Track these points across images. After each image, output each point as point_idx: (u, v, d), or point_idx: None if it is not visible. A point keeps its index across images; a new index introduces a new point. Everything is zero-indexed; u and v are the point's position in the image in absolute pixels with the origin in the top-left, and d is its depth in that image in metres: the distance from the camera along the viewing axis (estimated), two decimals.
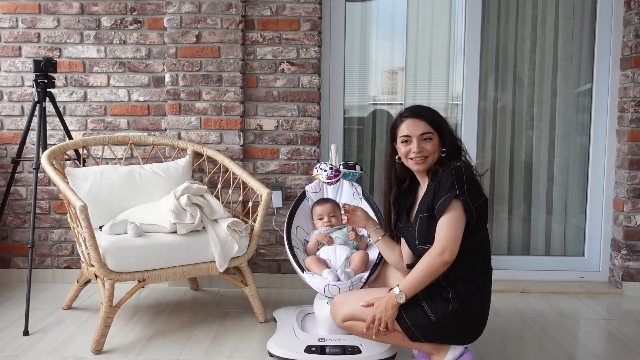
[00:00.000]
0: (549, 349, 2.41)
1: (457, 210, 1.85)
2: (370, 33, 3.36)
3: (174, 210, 2.49)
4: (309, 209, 2.61)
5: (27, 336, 2.46)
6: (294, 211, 2.56)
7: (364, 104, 3.39)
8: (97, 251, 2.27)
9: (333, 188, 2.67)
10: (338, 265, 2.28)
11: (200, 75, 3.06)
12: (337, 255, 2.32)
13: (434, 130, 2.01)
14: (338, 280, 2.12)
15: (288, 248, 2.34)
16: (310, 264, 2.28)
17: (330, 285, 2.10)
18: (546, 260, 3.36)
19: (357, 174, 2.56)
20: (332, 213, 2.51)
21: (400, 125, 2.05)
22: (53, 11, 3.12)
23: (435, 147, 2.00)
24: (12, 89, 3.16)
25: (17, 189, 3.19)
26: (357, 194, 2.61)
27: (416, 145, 2.00)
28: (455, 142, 2.05)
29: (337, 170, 2.52)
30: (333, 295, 2.11)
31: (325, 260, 2.31)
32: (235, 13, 3.02)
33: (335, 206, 2.55)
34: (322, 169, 2.53)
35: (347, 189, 2.65)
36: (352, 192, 2.63)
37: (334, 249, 2.35)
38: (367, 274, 2.19)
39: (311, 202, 2.62)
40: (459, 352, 1.98)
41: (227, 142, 3.09)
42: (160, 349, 2.35)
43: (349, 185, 2.64)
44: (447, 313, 1.87)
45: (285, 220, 2.50)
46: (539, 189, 3.37)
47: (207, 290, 3.16)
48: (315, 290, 2.18)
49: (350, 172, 2.53)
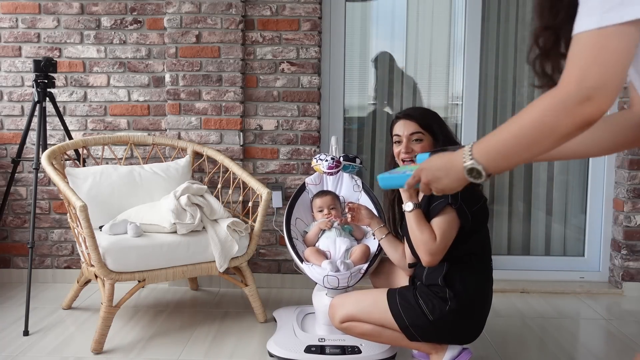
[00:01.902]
0: (549, 349, 2.41)
1: (450, 215, 1.86)
2: (370, 33, 3.36)
3: (174, 210, 2.49)
4: (309, 201, 2.61)
5: (27, 336, 2.46)
6: (294, 203, 2.55)
7: (364, 104, 3.39)
8: (97, 251, 2.27)
9: (333, 180, 2.66)
10: (338, 256, 2.27)
11: (200, 75, 3.06)
12: (336, 247, 2.31)
13: (425, 131, 2.01)
14: (337, 271, 2.12)
15: (287, 239, 2.33)
16: (310, 254, 2.27)
17: (329, 276, 2.09)
18: (546, 260, 3.36)
19: (356, 167, 2.55)
20: (332, 205, 2.50)
21: (394, 125, 2.08)
22: (53, 11, 3.12)
23: (425, 149, 2.00)
24: (12, 89, 3.16)
25: (17, 189, 3.19)
26: (357, 186, 2.61)
27: (405, 146, 2.02)
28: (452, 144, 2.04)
29: (338, 160, 2.51)
30: (332, 287, 2.11)
31: (325, 252, 2.31)
32: (235, 13, 3.02)
33: (335, 198, 2.54)
34: (323, 159, 2.51)
35: (347, 181, 2.65)
36: (352, 185, 2.63)
37: (334, 240, 2.34)
38: (366, 266, 2.19)
39: (311, 195, 2.62)
40: (457, 351, 1.99)
41: (227, 142, 3.09)
42: (160, 349, 2.36)
43: (349, 178, 2.64)
44: (444, 313, 1.87)
45: (285, 212, 2.50)
46: (539, 188, 3.37)
47: (207, 290, 3.16)
48: (314, 282, 2.18)
49: (350, 165, 2.53)
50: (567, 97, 0.90)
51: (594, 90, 0.87)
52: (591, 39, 0.87)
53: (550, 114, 0.93)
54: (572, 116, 0.90)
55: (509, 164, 1.05)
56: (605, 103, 0.87)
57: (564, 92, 0.90)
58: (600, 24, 0.86)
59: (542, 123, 0.94)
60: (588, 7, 0.88)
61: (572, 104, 0.89)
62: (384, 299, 1.95)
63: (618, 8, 0.85)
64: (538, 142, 0.96)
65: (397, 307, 1.91)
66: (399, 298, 1.93)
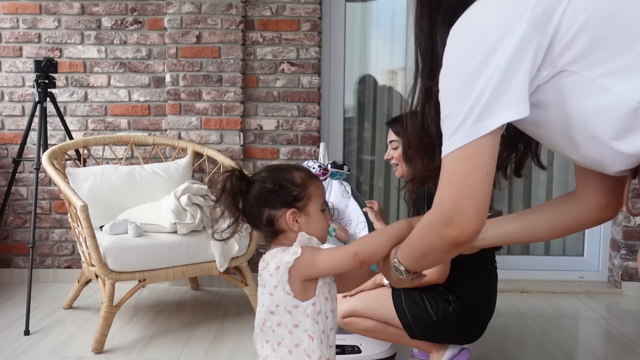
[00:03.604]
0: (549, 349, 2.41)
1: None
2: (370, 33, 3.37)
3: (175, 210, 2.49)
4: None
5: (28, 336, 2.47)
6: None
7: (364, 104, 3.39)
8: (97, 251, 2.28)
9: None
10: None
11: (200, 76, 3.07)
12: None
13: (399, 138, 2.10)
14: None
15: None
16: None
17: None
18: (546, 260, 3.36)
19: (344, 174, 2.58)
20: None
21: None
22: (54, 12, 3.12)
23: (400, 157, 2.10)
24: (13, 89, 3.16)
25: (18, 189, 3.19)
26: (345, 192, 2.62)
27: (386, 154, 2.16)
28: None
29: (325, 168, 2.53)
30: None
31: None
32: (235, 13, 3.03)
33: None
34: (310, 166, 2.53)
35: (336, 187, 2.65)
36: (341, 191, 2.64)
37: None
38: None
39: None
40: (456, 350, 1.99)
41: (228, 142, 3.10)
42: (160, 349, 2.36)
43: (338, 184, 2.65)
44: (448, 313, 1.88)
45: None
46: (539, 188, 3.38)
47: (207, 290, 3.17)
48: None
49: (337, 172, 2.55)
50: (433, 220, 0.95)
51: (451, 213, 0.90)
52: (445, 163, 0.91)
53: (426, 233, 0.99)
54: (442, 237, 0.93)
55: (425, 265, 1.11)
56: (466, 224, 0.89)
57: (431, 215, 0.95)
58: (446, 151, 0.90)
59: (423, 240, 1.01)
60: (444, 133, 0.91)
61: (438, 226, 0.93)
62: (389, 296, 1.95)
63: (459, 131, 0.87)
64: (427, 255, 1.03)
65: (402, 305, 1.92)
66: (405, 296, 1.94)
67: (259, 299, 1.27)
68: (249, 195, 1.26)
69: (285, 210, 1.23)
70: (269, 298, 1.22)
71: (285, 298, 1.20)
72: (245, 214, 1.27)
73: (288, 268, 1.18)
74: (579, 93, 0.87)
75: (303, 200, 1.24)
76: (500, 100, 0.85)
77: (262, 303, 1.25)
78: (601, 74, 0.85)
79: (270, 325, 1.23)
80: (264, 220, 1.25)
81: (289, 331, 1.21)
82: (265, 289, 1.23)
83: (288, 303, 1.20)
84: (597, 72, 0.85)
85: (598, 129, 0.88)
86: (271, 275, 1.21)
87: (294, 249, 1.19)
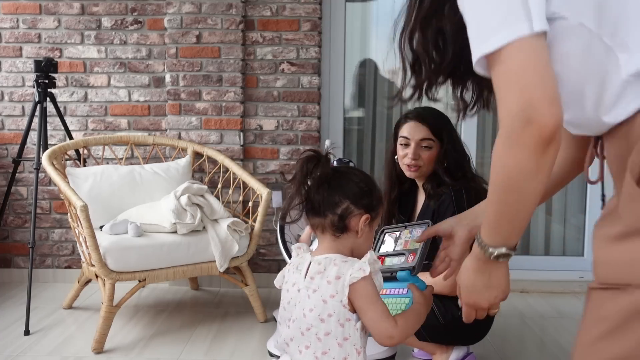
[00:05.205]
0: (549, 349, 2.41)
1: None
2: (370, 33, 3.37)
3: (175, 210, 2.49)
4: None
5: (28, 336, 2.47)
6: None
7: (363, 104, 3.39)
8: (97, 251, 2.28)
9: None
10: None
11: (200, 76, 3.07)
12: None
13: (436, 139, 1.93)
14: None
15: (281, 242, 2.35)
16: None
17: None
18: (546, 260, 3.36)
19: None
20: None
21: (403, 125, 1.99)
22: (54, 12, 3.12)
23: (433, 157, 1.92)
24: (13, 89, 3.16)
25: (18, 189, 3.19)
26: None
27: (412, 151, 1.91)
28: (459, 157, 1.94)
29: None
30: None
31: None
32: (235, 13, 3.03)
33: None
34: None
35: None
36: None
37: None
38: None
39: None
40: (462, 353, 1.99)
41: (227, 142, 3.10)
42: (160, 349, 2.36)
43: None
44: (456, 317, 1.88)
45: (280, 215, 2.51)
46: None
47: (207, 290, 3.17)
48: None
49: None
50: (507, 133, 0.82)
51: (524, 112, 0.79)
52: (496, 67, 0.81)
53: (507, 155, 0.84)
54: (525, 145, 0.81)
55: (519, 226, 0.95)
56: (544, 115, 0.78)
57: (503, 130, 0.83)
58: (491, 48, 0.80)
59: (506, 167, 0.85)
60: (478, 37, 0.83)
61: (516, 136, 0.81)
62: None
63: (503, 27, 0.80)
64: (521, 188, 0.86)
65: None
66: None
67: (301, 300, 1.22)
68: (335, 183, 1.23)
69: (362, 212, 1.22)
70: (321, 305, 1.18)
71: (340, 310, 1.17)
72: (316, 199, 1.23)
73: (352, 282, 1.15)
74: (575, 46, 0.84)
75: (376, 212, 1.25)
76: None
77: (309, 307, 1.20)
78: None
79: (316, 332, 1.19)
80: (339, 211, 1.21)
81: (339, 343, 1.19)
82: (316, 294, 1.19)
83: (342, 315, 1.18)
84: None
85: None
86: (329, 282, 1.18)
87: (361, 265, 1.16)
